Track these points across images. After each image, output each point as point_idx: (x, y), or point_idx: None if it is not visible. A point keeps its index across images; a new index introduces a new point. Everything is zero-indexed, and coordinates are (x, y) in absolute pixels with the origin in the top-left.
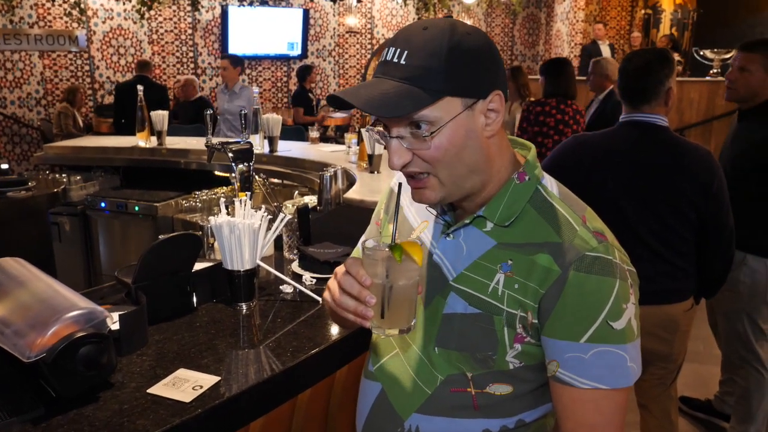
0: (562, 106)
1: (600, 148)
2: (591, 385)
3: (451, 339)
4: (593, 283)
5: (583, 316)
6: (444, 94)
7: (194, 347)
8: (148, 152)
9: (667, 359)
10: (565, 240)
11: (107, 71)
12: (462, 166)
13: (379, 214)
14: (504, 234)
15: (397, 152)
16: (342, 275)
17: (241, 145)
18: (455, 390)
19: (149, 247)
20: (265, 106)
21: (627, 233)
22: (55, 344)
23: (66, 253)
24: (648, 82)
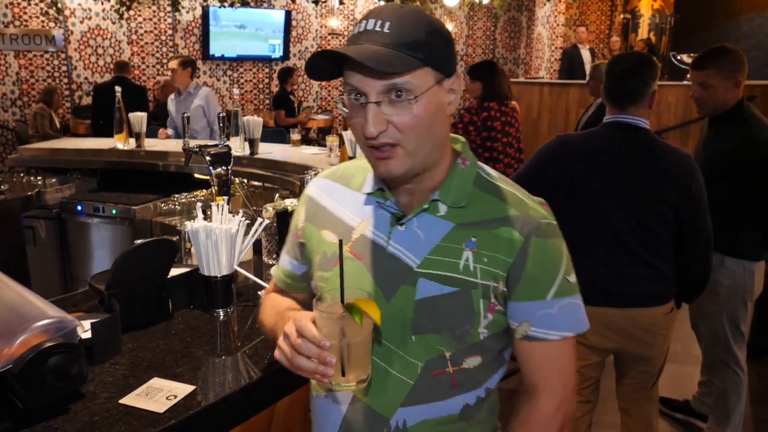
0: (503, 108)
1: (584, 148)
2: (560, 335)
3: (428, 323)
4: (550, 246)
5: (547, 276)
6: (425, 64)
7: (169, 355)
8: (126, 154)
9: (647, 362)
10: (521, 212)
11: (85, 72)
12: (429, 139)
13: (297, 226)
14: (459, 215)
15: (376, 118)
16: (297, 339)
17: (219, 148)
18: (435, 373)
19: (123, 253)
20: (247, 107)
21: (609, 235)
22: (22, 354)
23: (41, 258)
24: (636, 84)
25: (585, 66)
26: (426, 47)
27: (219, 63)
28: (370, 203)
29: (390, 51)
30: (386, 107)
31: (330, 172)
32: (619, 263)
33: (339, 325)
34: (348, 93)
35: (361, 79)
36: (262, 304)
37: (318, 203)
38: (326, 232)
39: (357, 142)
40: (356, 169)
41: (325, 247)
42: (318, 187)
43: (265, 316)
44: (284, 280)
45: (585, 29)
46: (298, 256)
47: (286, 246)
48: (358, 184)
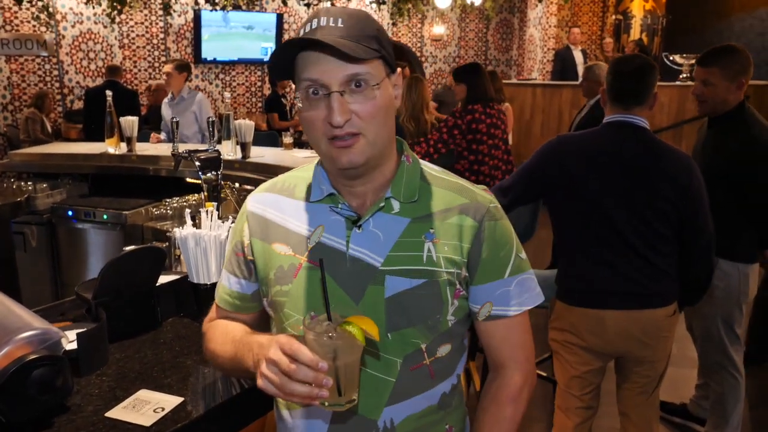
0: (488, 110)
1: (585, 148)
2: (519, 310)
3: (401, 318)
4: (501, 227)
5: (502, 256)
6: (379, 55)
7: (157, 365)
8: (117, 159)
9: (649, 366)
10: (470, 199)
11: (77, 76)
12: (386, 129)
13: (242, 243)
14: (413, 210)
15: (341, 107)
16: (291, 365)
17: (208, 153)
18: (414, 367)
19: (110, 262)
20: (239, 111)
21: (611, 233)
22: (5, 368)
23: (31, 264)
24: (641, 85)
25: (577, 67)
26: (378, 41)
27: (211, 66)
28: (319, 211)
29: (350, 42)
30: (348, 96)
31: (268, 185)
32: (621, 261)
33: (335, 345)
34: (304, 88)
35: (322, 71)
36: (208, 332)
37: (262, 218)
38: (278, 245)
39: (312, 136)
40: (297, 180)
41: (281, 261)
42: (259, 201)
43: (217, 345)
44: (232, 302)
45: (578, 30)
46: (246, 275)
47: (229, 266)
48: (303, 193)
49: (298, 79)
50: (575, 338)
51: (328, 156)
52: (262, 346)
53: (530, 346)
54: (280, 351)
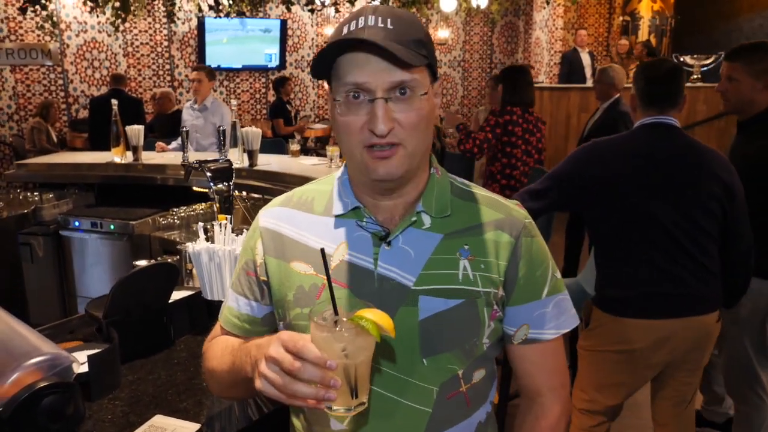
0: (526, 115)
1: (623, 151)
2: (555, 334)
3: (437, 342)
4: (537, 245)
5: (539, 275)
6: (427, 62)
7: (172, 388)
8: (123, 168)
9: (692, 373)
10: (505, 214)
11: (81, 85)
12: (425, 140)
13: (254, 262)
14: (445, 225)
15: (386, 115)
16: (295, 363)
17: (219, 163)
18: (451, 395)
19: (121, 280)
20: (244, 118)
21: (660, 235)
22: (14, 396)
23: (38, 275)
24: (675, 87)
25: (585, 70)
26: (425, 47)
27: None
28: (342, 226)
29: (398, 45)
30: (393, 104)
31: (282, 199)
32: (670, 262)
33: (345, 341)
34: (346, 91)
35: (367, 74)
36: (207, 351)
37: (278, 234)
38: (297, 264)
39: (347, 142)
40: (315, 193)
41: (301, 281)
42: (273, 216)
43: (215, 362)
44: (240, 325)
45: (585, 32)
46: (258, 297)
47: (239, 286)
48: (322, 207)
49: (338, 81)
50: (625, 345)
51: (362, 166)
52: (260, 346)
53: (566, 371)
54: (283, 348)
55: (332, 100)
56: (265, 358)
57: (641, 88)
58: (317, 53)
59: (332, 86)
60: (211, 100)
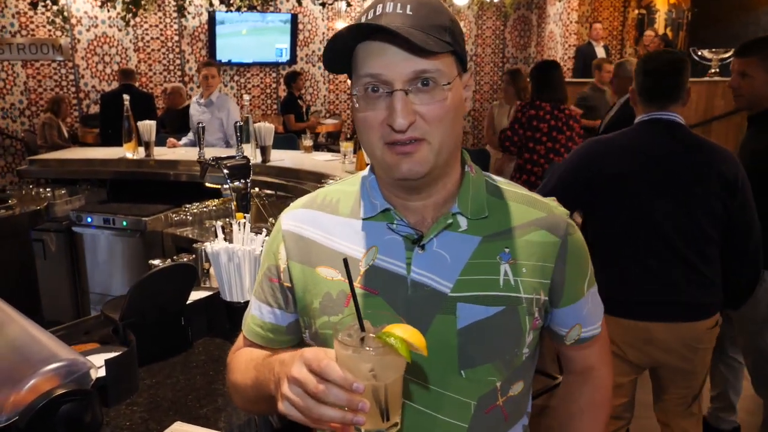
0: (556, 112)
1: (622, 148)
2: (600, 325)
3: (477, 353)
4: (580, 241)
5: (583, 272)
6: (452, 50)
7: (191, 393)
8: (135, 164)
9: (689, 377)
10: (546, 212)
11: (92, 80)
12: (453, 135)
13: (277, 268)
14: (483, 227)
15: (405, 108)
16: (318, 385)
17: (236, 160)
18: (489, 410)
19: (138, 281)
20: (255, 113)
21: (656, 239)
22: (31, 403)
23: (51, 272)
24: (675, 82)
25: None
26: (451, 33)
27: (226, 68)
28: (371, 229)
29: (419, 32)
30: (413, 96)
31: (306, 200)
32: (669, 269)
33: (372, 361)
34: (363, 85)
35: (385, 64)
36: (231, 363)
37: (302, 237)
38: (324, 269)
39: (367, 139)
40: (340, 194)
41: (328, 287)
42: (296, 219)
43: (238, 376)
44: (264, 334)
45: (600, 26)
46: (282, 304)
47: (261, 293)
48: (349, 209)
49: (355, 74)
50: (614, 348)
51: (383, 164)
52: (283, 363)
53: (609, 341)
54: (306, 368)
55: (351, 94)
56: (287, 378)
57: (640, 82)
58: (328, 42)
59: (352, 80)
60: (217, 95)
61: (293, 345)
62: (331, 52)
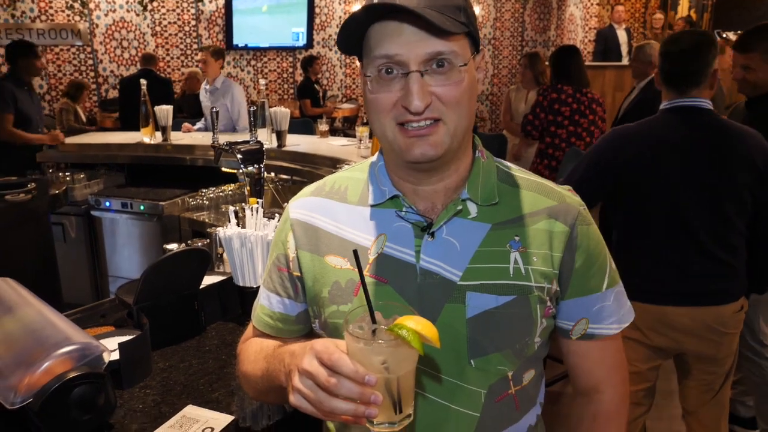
0: (578, 95)
1: (645, 139)
2: (618, 328)
3: (486, 342)
4: (593, 233)
5: (598, 265)
6: (467, 31)
7: (204, 377)
8: (152, 149)
9: (714, 363)
10: (558, 200)
11: (111, 65)
12: (467, 117)
13: (286, 257)
14: (493, 214)
15: (421, 90)
16: (330, 378)
17: (250, 145)
18: (499, 399)
19: (151, 265)
20: (271, 97)
21: (679, 230)
22: (44, 386)
23: (71, 255)
24: (698, 65)
25: (621, 47)
26: (465, 13)
27: (243, 53)
28: (380, 216)
29: (435, 12)
30: (429, 78)
31: (314, 188)
32: (691, 261)
33: (384, 353)
34: (377, 66)
35: (400, 45)
36: (241, 354)
37: (310, 226)
38: (333, 258)
39: (378, 122)
40: (348, 181)
41: (337, 276)
42: (305, 207)
43: (249, 366)
44: (273, 324)
45: (622, 8)
46: (292, 294)
47: (270, 282)
48: (357, 197)
49: (368, 55)
50: (637, 334)
51: (395, 146)
52: (294, 355)
53: (626, 366)
54: (317, 360)
55: (363, 76)
56: (298, 370)
57: (662, 66)
58: (344, 23)
59: (363, 62)
60: (222, 80)
61: (303, 334)
62: (345, 32)
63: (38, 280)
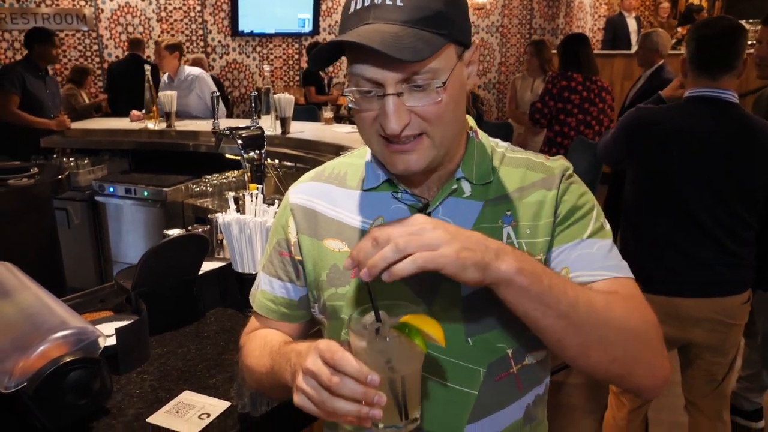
0: (587, 83)
1: (666, 126)
2: (604, 276)
3: (483, 319)
4: (575, 187)
5: (581, 215)
6: (448, 40)
7: (201, 363)
8: (156, 134)
9: (719, 353)
10: (547, 173)
11: (116, 50)
12: (455, 124)
13: (287, 242)
14: (485, 192)
15: (397, 112)
16: (333, 378)
17: (251, 130)
18: (500, 377)
19: (150, 250)
20: (277, 84)
21: (687, 220)
22: (39, 370)
23: (75, 240)
24: (733, 49)
25: (630, 35)
26: (448, 20)
27: (248, 39)
28: (377, 200)
29: (409, 30)
30: (408, 97)
31: (314, 174)
32: (701, 251)
33: (389, 353)
34: (355, 84)
35: (374, 70)
36: (245, 346)
37: (310, 210)
38: (331, 242)
39: (363, 132)
40: (347, 167)
41: (335, 259)
42: (304, 192)
43: (253, 360)
44: (276, 309)
45: None
46: (294, 278)
47: (271, 268)
48: (355, 181)
49: (349, 66)
50: None
51: (380, 157)
52: (300, 354)
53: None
54: (320, 360)
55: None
56: (302, 370)
57: (692, 49)
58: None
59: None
60: (185, 73)
61: (305, 320)
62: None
63: (41, 265)
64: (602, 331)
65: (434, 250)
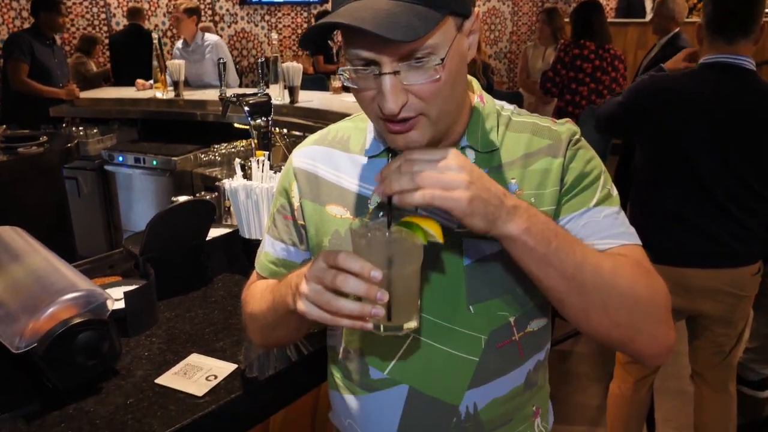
0: (600, 51)
1: (679, 94)
2: (612, 244)
3: (485, 288)
4: (586, 153)
5: (588, 183)
6: (446, 12)
7: (209, 327)
8: (165, 104)
9: (727, 324)
10: (554, 139)
11: (123, 20)
12: (454, 99)
13: (291, 206)
14: (490, 159)
15: (394, 91)
16: (337, 276)
17: (258, 97)
18: (501, 344)
19: (157, 215)
20: (285, 54)
21: (697, 190)
22: (48, 331)
23: (85, 209)
24: (751, 10)
25: (645, 3)
26: None
27: (257, 8)
28: (379, 166)
29: (405, 6)
30: (405, 75)
31: (317, 137)
32: (712, 224)
33: (388, 247)
34: (351, 63)
35: (371, 47)
36: (246, 298)
37: (313, 175)
38: (333, 207)
39: (363, 108)
40: (351, 131)
41: (336, 225)
42: (308, 156)
43: (254, 305)
44: (277, 270)
45: None
46: (297, 241)
47: (275, 230)
48: (358, 146)
49: (344, 45)
50: None
51: (381, 132)
52: (300, 274)
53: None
54: (324, 263)
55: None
56: (305, 277)
57: (709, 12)
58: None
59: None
60: (202, 37)
61: None
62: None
63: (51, 233)
64: (606, 295)
65: (448, 191)
